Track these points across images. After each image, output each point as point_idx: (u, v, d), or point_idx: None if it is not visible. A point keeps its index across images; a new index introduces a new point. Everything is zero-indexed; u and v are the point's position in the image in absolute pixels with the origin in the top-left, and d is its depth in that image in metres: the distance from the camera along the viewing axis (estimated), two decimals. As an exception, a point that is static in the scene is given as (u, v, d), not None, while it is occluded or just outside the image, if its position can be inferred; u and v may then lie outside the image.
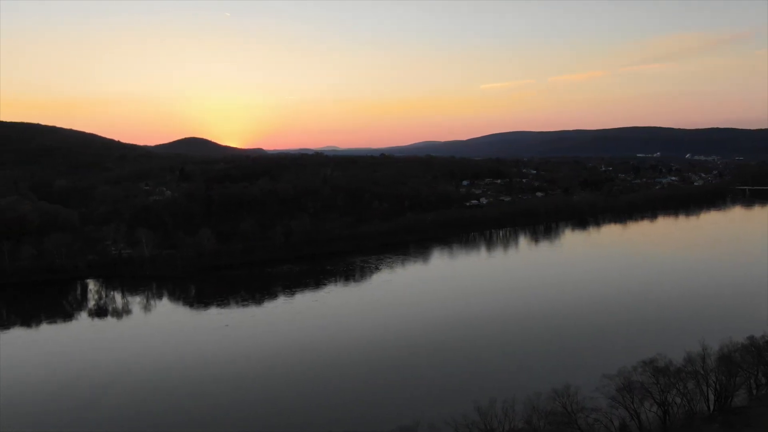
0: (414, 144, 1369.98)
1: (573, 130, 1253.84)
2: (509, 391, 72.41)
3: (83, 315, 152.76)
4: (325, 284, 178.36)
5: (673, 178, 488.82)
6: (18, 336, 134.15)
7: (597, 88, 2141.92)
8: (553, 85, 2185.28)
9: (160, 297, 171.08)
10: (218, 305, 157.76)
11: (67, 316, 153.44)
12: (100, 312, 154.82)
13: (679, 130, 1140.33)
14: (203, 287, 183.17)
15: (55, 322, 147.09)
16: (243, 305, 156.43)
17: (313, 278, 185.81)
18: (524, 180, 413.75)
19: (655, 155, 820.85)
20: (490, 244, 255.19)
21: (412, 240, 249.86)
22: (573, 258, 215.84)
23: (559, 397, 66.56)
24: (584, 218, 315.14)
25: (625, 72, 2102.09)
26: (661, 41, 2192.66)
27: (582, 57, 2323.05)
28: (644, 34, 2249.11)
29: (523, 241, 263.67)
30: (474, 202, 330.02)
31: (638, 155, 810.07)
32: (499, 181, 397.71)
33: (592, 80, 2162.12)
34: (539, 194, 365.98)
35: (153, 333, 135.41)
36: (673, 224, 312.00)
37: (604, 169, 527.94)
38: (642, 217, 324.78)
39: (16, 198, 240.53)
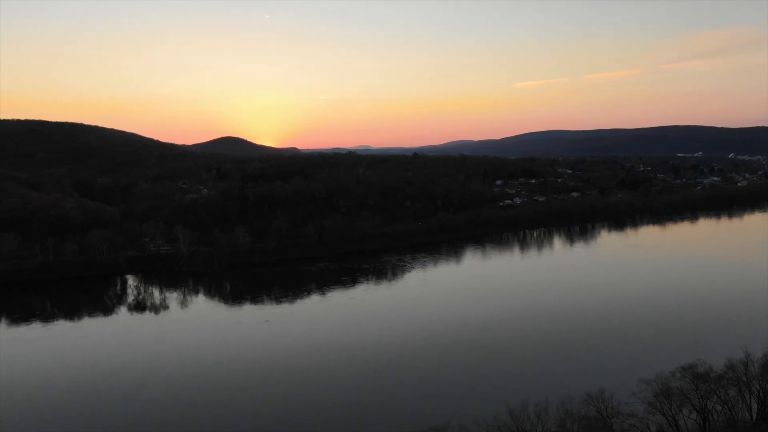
0: (447, 143, 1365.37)
1: (610, 129, 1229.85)
2: (542, 393, 71.48)
3: (123, 309, 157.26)
4: (359, 282, 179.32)
5: (716, 178, 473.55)
6: (62, 329, 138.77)
7: (635, 85, 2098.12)
8: (589, 83, 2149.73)
9: (197, 293, 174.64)
10: (256, 302, 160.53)
11: (109, 310, 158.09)
12: (140, 306, 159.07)
13: (722, 128, 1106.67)
14: (238, 284, 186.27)
15: (97, 315, 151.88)
16: (280, 302, 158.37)
17: (348, 276, 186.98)
18: (559, 180, 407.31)
19: (696, 155, 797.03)
20: (523, 245, 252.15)
21: (444, 239, 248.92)
22: (609, 260, 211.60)
23: (593, 401, 65.35)
24: (621, 219, 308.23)
25: (665, 69, 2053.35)
26: (703, 37, 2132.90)
27: (619, 54, 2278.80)
28: (685, 29, 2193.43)
29: (558, 241, 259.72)
30: (507, 201, 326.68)
31: (678, 155, 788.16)
32: (533, 180, 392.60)
33: (631, 78, 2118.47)
34: (575, 194, 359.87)
35: (193, 327, 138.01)
36: (715, 226, 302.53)
37: (642, 169, 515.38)
38: (682, 219, 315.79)
39: (61, 196, 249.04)
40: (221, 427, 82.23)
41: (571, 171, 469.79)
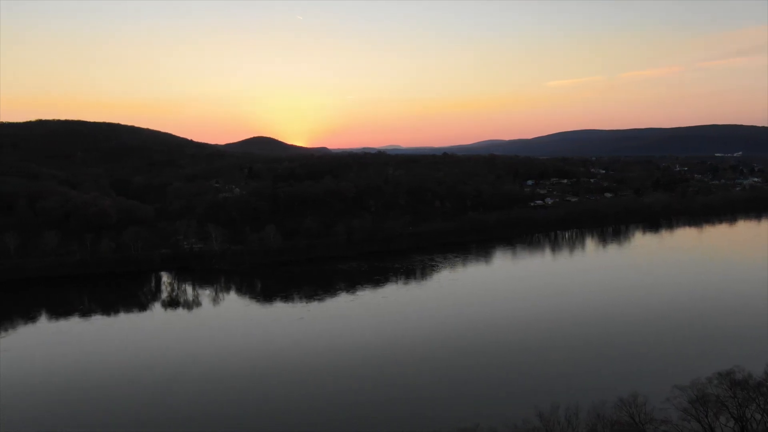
0: (477, 143, 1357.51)
1: (645, 129, 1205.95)
2: (573, 397, 70.42)
3: (157, 305, 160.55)
4: (390, 282, 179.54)
5: (756, 179, 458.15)
6: (100, 325, 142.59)
7: (672, 84, 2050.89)
8: (623, 81, 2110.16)
9: (229, 290, 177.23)
10: (288, 300, 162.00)
11: (143, 306, 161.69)
12: (174, 303, 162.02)
13: (763, 127, 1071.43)
14: (270, 282, 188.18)
15: (131, 311, 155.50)
16: (312, 300, 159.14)
17: (380, 275, 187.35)
18: (592, 180, 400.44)
19: (735, 155, 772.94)
20: (555, 246, 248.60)
21: (474, 240, 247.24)
22: (644, 262, 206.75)
23: (625, 406, 64.02)
24: (656, 220, 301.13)
25: (703, 67, 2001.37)
26: (741, 34, 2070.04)
27: (656, 51, 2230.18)
28: (725, 26, 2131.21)
29: (590, 243, 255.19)
30: (539, 202, 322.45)
31: (717, 155, 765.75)
32: (565, 180, 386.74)
33: (667, 76, 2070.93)
34: (608, 195, 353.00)
35: (227, 325, 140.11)
36: (755, 229, 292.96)
37: (678, 169, 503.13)
38: (720, 221, 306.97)
39: (98, 194, 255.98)
40: (252, 426, 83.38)
41: (604, 171, 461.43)
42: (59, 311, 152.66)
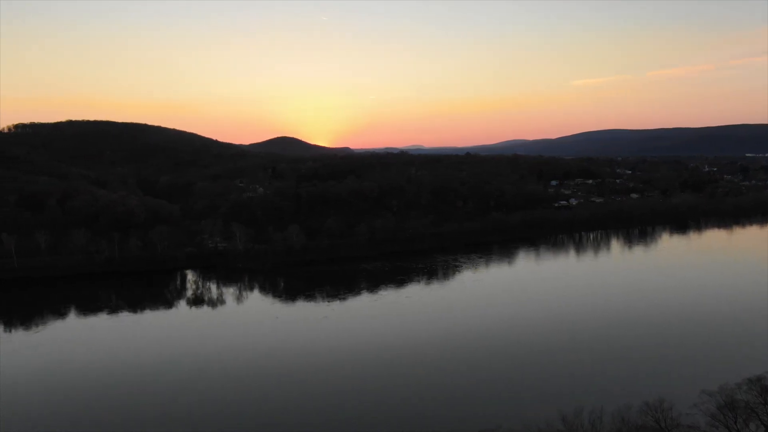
0: (500, 143, 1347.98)
1: (673, 128, 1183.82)
2: (597, 400, 69.66)
3: (182, 303, 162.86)
4: (413, 282, 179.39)
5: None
6: (127, 321, 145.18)
7: (702, 82, 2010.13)
8: (651, 80, 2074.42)
9: (253, 289, 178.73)
10: (311, 299, 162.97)
11: (168, 303, 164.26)
12: (197, 301, 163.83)
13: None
14: (293, 281, 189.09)
15: (156, 309, 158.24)
16: (335, 299, 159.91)
17: (403, 275, 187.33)
18: (618, 180, 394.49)
19: (767, 155, 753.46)
20: (579, 247, 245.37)
21: (496, 240, 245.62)
22: (671, 264, 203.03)
23: (651, 411, 63.01)
24: (684, 222, 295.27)
25: (735, 65, 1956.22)
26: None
27: (685, 49, 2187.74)
28: (756, 23, 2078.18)
29: (616, 244, 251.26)
30: (563, 202, 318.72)
31: (748, 155, 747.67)
32: (590, 181, 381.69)
33: (697, 74, 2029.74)
34: (634, 196, 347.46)
35: (249, 324, 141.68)
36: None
37: (707, 169, 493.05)
38: (750, 222, 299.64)
39: (126, 194, 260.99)
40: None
41: (630, 172, 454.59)
42: (89, 308, 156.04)
